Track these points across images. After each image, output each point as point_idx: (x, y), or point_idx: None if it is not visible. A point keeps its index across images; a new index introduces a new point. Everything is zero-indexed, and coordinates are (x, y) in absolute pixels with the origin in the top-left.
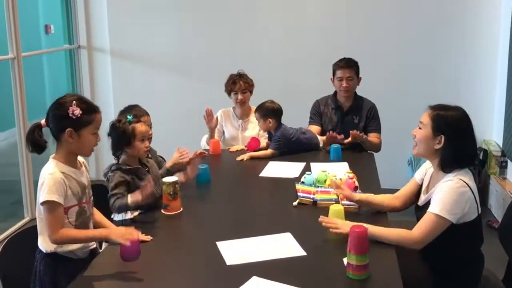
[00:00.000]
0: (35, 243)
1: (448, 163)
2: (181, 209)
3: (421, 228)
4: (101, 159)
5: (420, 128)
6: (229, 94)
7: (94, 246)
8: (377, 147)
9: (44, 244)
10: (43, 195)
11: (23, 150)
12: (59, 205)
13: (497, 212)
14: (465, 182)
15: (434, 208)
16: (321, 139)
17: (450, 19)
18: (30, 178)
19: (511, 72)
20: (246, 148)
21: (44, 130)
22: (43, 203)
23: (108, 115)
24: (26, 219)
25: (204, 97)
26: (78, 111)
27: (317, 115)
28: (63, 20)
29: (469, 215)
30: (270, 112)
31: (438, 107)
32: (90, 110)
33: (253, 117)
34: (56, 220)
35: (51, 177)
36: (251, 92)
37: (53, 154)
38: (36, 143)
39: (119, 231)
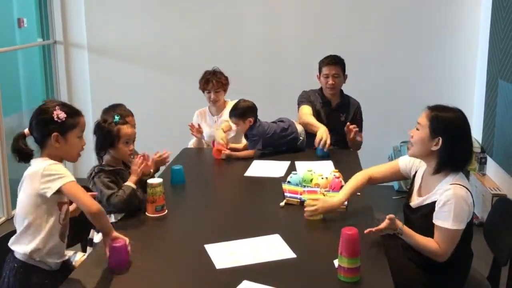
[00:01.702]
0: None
1: (444, 165)
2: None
3: (445, 244)
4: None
5: (417, 129)
6: (202, 92)
7: (67, 257)
8: (359, 146)
9: (22, 245)
10: (56, 182)
11: None
12: (77, 183)
13: (477, 208)
14: (465, 186)
15: (449, 224)
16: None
17: (431, 18)
18: (6, 177)
19: (490, 68)
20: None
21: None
22: (60, 190)
23: (86, 111)
24: (2, 219)
25: (184, 93)
26: (63, 115)
27: (308, 100)
28: (36, 14)
29: (469, 217)
30: (248, 111)
31: (436, 108)
32: (74, 113)
33: (225, 111)
34: (86, 193)
35: (54, 166)
36: (225, 90)
37: (37, 157)
38: (22, 152)
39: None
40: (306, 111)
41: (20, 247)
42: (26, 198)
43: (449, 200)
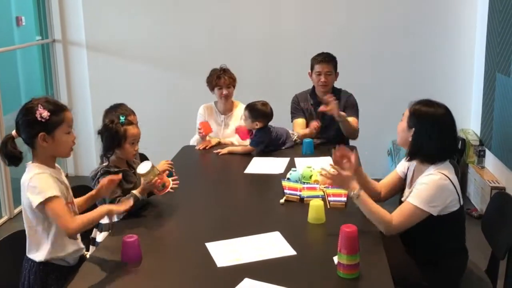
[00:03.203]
0: (22, 250)
1: (412, 154)
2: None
3: (399, 217)
4: (79, 154)
5: (401, 120)
6: (212, 89)
7: (83, 252)
8: (354, 131)
9: (35, 253)
10: (40, 194)
11: None
12: (59, 198)
13: (476, 200)
14: (445, 175)
15: (414, 199)
16: (302, 132)
17: (428, 12)
18: (8, 176)
19: (488, 62)
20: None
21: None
22: (42, 203)
23: (86, 110)
24: (4, 218)
25: (183, 91)
26: (46, 113)
27: (298, 109)
28: (34, 11)
29: (451, 207)
30: (261, 116)
31: (420, 102)
32: (58, 109)
33: (235, 112)
34: (66, 211)
35: (39, 176)
36: (234, 86)
37: (30, 162)
38: (11, 156)
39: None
40: (299, 127)
41: (35, 256)
42: (24, 207)
43: (424, 181)
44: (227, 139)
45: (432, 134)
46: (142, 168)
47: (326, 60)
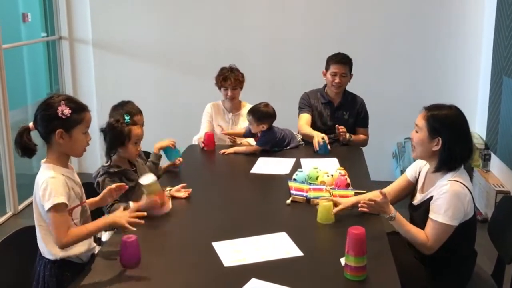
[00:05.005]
0: (28, 247)
1: (446, 164)
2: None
3: (433, 237)
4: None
5: (416, 132)
6: (219, 88)
7: (95, 250)
8: (364, 143)
9: (50, 251)
10: (49, 201)
11: (5, 143)
12: (65, 206)
13: (480, 204)
14: (463, 183)
15: (439, 216)
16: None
17: (435, 15)
18: (13, 172)
19: (495, 64)
20: (203, 145)
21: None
22: (50, 208)
23: (91, 107)
24: (8, 214)
25: (189, 90)
26: (67, 111)
27: (307, 105)
28: (40, 8)
29: (467, 215)
30: (265, 118)
31: (432, 107)
32: (80, 109)
33: (243, 111)
34: (64, 222)
35: (53, 180)
36: (241, 87)
37: (44, 159)
38: (26, 147)
39: (123, 215)
40: (303, 121)
41: (49, 255)
42: (36, 205)
43: (443, 195)
44: (244, 140)
45: (461, 137)
46: (145, 179)
47: (343, 62)
